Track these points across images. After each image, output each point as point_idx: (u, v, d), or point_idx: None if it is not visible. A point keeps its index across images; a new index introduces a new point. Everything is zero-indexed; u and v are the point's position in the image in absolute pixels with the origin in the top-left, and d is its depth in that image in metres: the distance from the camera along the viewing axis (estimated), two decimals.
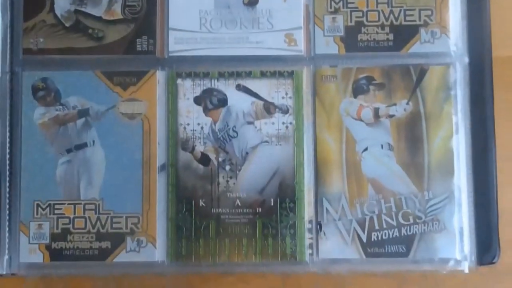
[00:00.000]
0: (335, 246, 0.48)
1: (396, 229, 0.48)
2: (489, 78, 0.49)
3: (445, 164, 0.48)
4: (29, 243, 0.48)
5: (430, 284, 0.48)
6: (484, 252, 0.47)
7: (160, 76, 0.49)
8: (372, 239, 0.48)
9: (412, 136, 0.48)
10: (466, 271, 0.47)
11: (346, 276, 0.48)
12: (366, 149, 0.48)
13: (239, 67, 0.49)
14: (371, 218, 0.48)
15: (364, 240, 0.48)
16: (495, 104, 0.48)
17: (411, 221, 0.48)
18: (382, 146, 0.48)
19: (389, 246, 0.47)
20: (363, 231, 0.48)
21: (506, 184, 0.49)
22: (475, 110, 0.48)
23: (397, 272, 0.48)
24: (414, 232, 0.47)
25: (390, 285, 0.48)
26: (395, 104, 0.48)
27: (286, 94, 0.49)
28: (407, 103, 0.48)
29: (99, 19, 0.49)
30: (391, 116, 0.48)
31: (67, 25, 0.49)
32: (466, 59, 0.49)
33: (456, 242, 0.47)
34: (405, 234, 0.47)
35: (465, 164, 0.48)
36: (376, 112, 0.48)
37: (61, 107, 0.49)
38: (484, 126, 0.48)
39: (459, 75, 0.48)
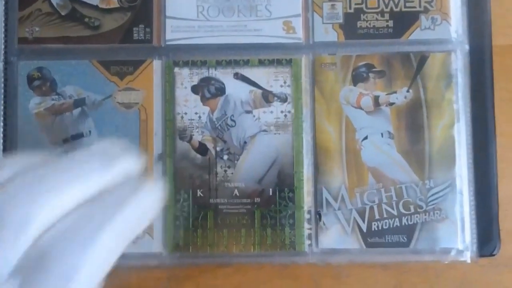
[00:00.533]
0: (335, 236, 0.47)
1: (397, 219, 0.47)
2: (489, 66, 0.48)
3: (447, 153, 0.47)
4: None
5: (430, 275, 0.47)
6: (484, 243, 0.46)
7: (157, 65, 0.49)
8: (373, 229, 0.47)
9: (412, 124, 0.47)
10: (468, 261, 0.46)
11: (345, 266, 0.47)
12: (366, 137, 0.47)
13: (237, 56, 0.49)
14: (371, 208, 0.47)
15: (364, 230, 0.47)
16: (495, 93, 0.48)
17: (412, 210, 0.47)
18: (382, 135, 0.47)
19: (389, 236, 0.47)
20: (363, 221, 0.47)
21: (506, 174, 0.48)
22: (476, 98, 0.48)
23: (398, 263, 0.47)
24: (415, 222, 0.47)
25: (390, 276, 0.47)
26: (395, 92, 0.48)
27: (285, 82, 0.48)
28: (408, 91, 0.48)
29: (95, 7, 0.49)
30: (391, 104, 0.48)
31: (63, 13, 0.48)
32: (467, 47, 0.48)
33: (458, 232, 0.46)
34: (406, 223, 0.47)
35: (466, 153, 0.47)
36: (376, 100, 0.48)
37: (57, 96, 0.49)
38: (484, 115, 0.48)
39: (459, 63, 0.48)
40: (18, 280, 0.27)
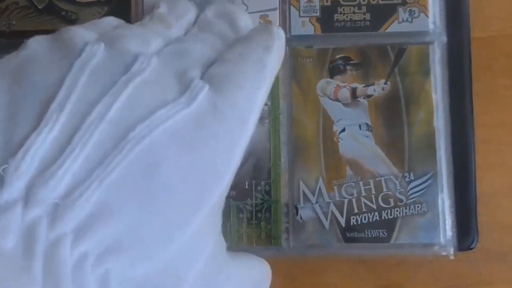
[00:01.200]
0: (312, 231, 0.46)
1: (376, 213, 0.45)
2: (468, 58, 0.47)
3: (426, 145, 0.46)
4: None
5: (410, 269, 0.46)
6: (462, 237, 0.45)
7: None
8: (351, 223, 0.45)
9: (391, 116, 0.47)
10: (452, 255, 0.45)
11: (324, 261, 0.46)
12: (343, 129, 0.47)
13: None
14: (350, 201, 0.46)
15: (343, 225, 0.45)
16: (473, 85, 0.47)
17: (392, 204, 0.45)
18: (360, 127, 0.47)
19: (369, 231, 0.45)
20: (342, 215, 0.46)
21: (485, 167, 0.47)
22: (454, 91, 0.47)
23: (377, 257, 0.46)
24: (395, 216, 0.45)
25: (369, 270, 0.46)
26: (372, 84, 0.47)
27: None
28: (385, 83, 0.47)
29: (72, 1, 0.49)
30: (369, 96, 0.47)
31: (39, 7, 0.49)
32: (444, 39, 0.47)
33: (439, 226, 0.45)
34: (386, 217, 0.45)
35: (444, 146, 0.46)
36: (353, 92, 0.47)
37: None
38: (462, 108, 0.47)
39: (437, 55, 0.47)
40: (207, 85, 0.29)
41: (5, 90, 0.28)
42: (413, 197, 0.45)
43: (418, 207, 0.45)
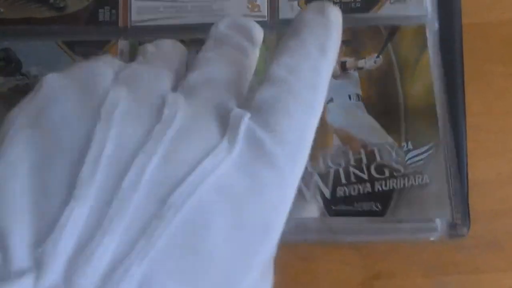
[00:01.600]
0: (292, 203, 0.39)
1: (368, 184, 0.39)
2: (459, 45, 0.44)
3: (426, 115, 0.40)
4: None
5: (402, 256, 0.38)
6: (454, 224, 0.38)
7: (123, 45, 0.48)
8: (338, 195, 0.38)
9: (385, 86, 0.42)
10: (465, 234, 0.37)
11: (308, 244, 0.38)
12: (331, 100, 0.42)
13: (202, 36, 0.46)
14: (337, 171, 0.39)
15: (328, 196, 0.38)
16: (469, 73, 0.43)
17: (387, 174, 0.39)
18: (350, 97, 0.42)
19: (359, 204, 0.38)
20: (326, 186, 0.39)
21: (476, 154, 0.40)
22: (446, 77, 0.43)
23: (368, 243, 0.38)
24: (391, 187, 0.38)
25: (359, 258, 0.38)
26: (364, 58, 0.43)
27: None
28: (377, 57, 0.43)
29: None
30: (360, 68, 0.43)
31: None
32: (436, 25, 0.44)
33: (446, 197, 0.37)
34: (380, 189, 0.38)
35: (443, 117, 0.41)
36: (343, 65, 0.43)
37: (21, 77, 0.48)
38: (454, 95, 0.42)
39: (430, 40, 0.44)
40: (248, 115, 0.25)
41: (31, 143, 0.25)
42: (413, 167, 0.39)
43: (419, 177, 0.38)
